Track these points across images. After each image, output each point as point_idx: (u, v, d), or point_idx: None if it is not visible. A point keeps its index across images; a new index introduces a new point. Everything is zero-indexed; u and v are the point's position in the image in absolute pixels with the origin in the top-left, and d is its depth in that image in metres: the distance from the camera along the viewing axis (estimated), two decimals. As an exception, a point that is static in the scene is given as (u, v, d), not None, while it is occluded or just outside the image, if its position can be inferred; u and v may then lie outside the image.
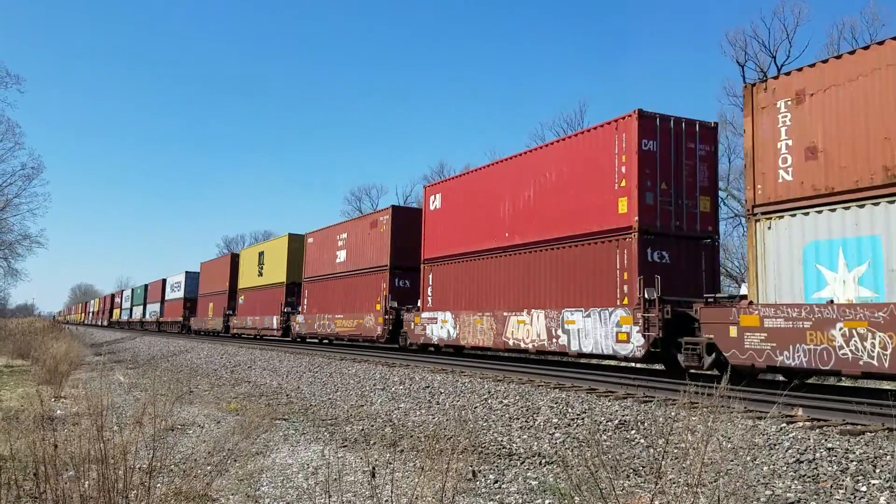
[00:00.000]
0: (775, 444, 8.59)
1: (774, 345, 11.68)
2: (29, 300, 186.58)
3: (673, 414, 10.14)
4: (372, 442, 11.36)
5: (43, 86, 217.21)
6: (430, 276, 23.45)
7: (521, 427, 11.56)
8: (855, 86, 11.45)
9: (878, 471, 7.36)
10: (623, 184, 15.73)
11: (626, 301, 15.19)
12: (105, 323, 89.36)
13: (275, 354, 26.61)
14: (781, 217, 12.26)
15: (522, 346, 18.39)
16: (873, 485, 7.08)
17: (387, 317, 25.12)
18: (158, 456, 6.19)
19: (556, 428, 11.10)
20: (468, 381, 15.43)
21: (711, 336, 13.00)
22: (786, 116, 12.44)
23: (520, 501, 7.73)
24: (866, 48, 11.60)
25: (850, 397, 11.10)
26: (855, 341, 10.63)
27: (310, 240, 33.43)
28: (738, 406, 9.61)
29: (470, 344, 20.93)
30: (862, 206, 11.09)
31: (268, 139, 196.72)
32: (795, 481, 7.51)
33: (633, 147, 15.47)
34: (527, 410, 12.25)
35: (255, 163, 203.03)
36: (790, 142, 12.30)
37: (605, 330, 15.55)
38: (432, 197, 24.01)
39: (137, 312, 70.09)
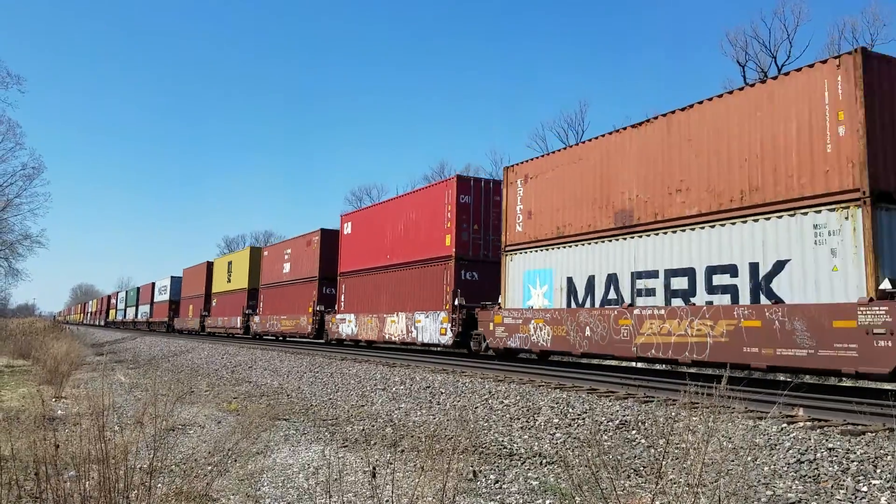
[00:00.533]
0: (776, 445, 8.59)
1: (507, 334, 19.00)
2: (30, 300, 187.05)
3: (673, 414, 10.13)
4: (372, 442, 11.36)
5: (44, 86, 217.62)
6: (343, 286, 30.07)
7: (521, 427, 11.55)
8: (550, 174, 18.33)
9: (878, 471, 7.35)
10: (448, 225, 22.65)
11: (447, 307, 22.06)
12: (102, 323, 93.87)
13: (275, 354, 26.62)
14: (515, 254, 19.44)
15: (394, 339, 25.30)
16: (874, 485, 7.08)
17: (315, 318, 31.84)
18: (159, 456, 6.19)
19: (556, 428, 11.10)
20: (469, 381, 15.43)
21: (482, 330, 20.32)
22: (520, 191, 19.44)
23: (521, 501, 7.73)
24: (559, 150, 19.18)
25: (850, 397, 11.09)
26: (538, 331, 17.74)
27: (265, 253, 40.88)
28: (739, 406, 9.61)
29: (364, 339, 27.76)
30: (547, 250, 18.17)
31: (269, 139, 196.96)
32: (796, 481, 7.51)
33: (454, 200, 22.53)
34: (527, 410, 12.25)
35: (256, 163, 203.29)
36: (521, 207, 19.39)
37: (435, 326, 22.52)
38: (345, 224, 30.96)
39: (130, 313, 75.06)
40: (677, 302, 14.07)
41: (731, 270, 13.10)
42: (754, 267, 12.67)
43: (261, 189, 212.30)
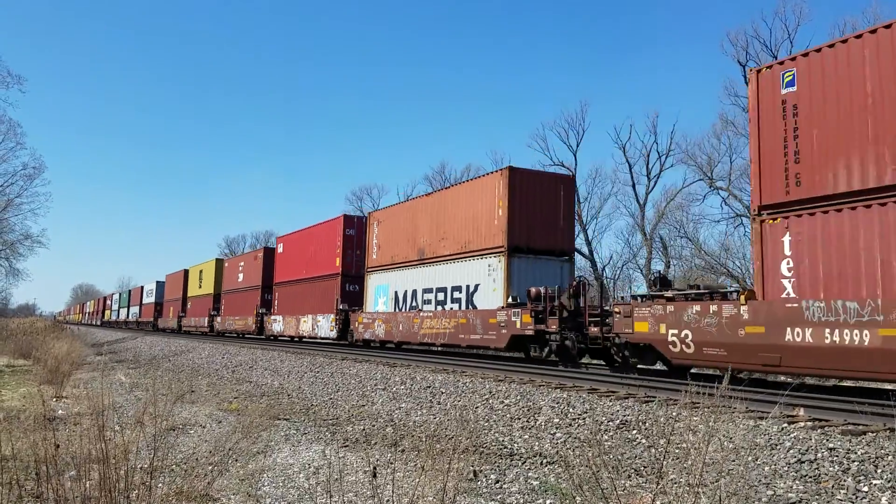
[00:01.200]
0: (777, 445, 8.58)
1: (364, 329, 27.85)
2: (30, 300, 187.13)
3: (674, 414, 10.14)
4: (373, 442, 11.36)
5: (44, 86, 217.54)
6: (277, 294, 38.07)
7: (522, 427, 11.55)
8: (389, 220, 27.69)
9: (879, 471, 7.35)
10: (338, 250, 30.67)
11: (335, 310, 30.16)
12: (98, 322, 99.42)
13: (276, 354, 26.63)
14: (371, 273, 28.38)
15: (306, 335, 33.83)
16: (875, 485, 7.08)
17: (257, 318, 39.97)
18: (160, 456, 6.19)
19: (557, 428, 11.10)
20: (469, 381, 15.43)
21: (353, 327, 28.89)
22: (375, 230, 28.52)
23: (521, 501, 7.73)
24: (398, 203, 29.18)
25: (851, 397, 11.09)
26: (378, 327, 26.80)
27: (226, 264, 49.26)
28: (740, 406, 9.61)
29: (287, 334, 36.23)
30: (386, 271, 27.23)
31: (269, 139, 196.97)
32: (797, 481, 7.51)
33: (341, 232, 30.62)
34: (528, 410, 12.25)
35: (257, 162, 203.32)
36: (375, 241, 28.35)
37: (327, 324, 30.82)
38: (279, 244, 39.07)
39: (123, 314, 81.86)
40: (439, 308, 23.26)
41: (460, 289, 22.40)
42: (468, 287, 22.01)
43: (261, 189, 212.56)
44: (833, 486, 7.23)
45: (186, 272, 57.23)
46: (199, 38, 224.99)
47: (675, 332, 13.86)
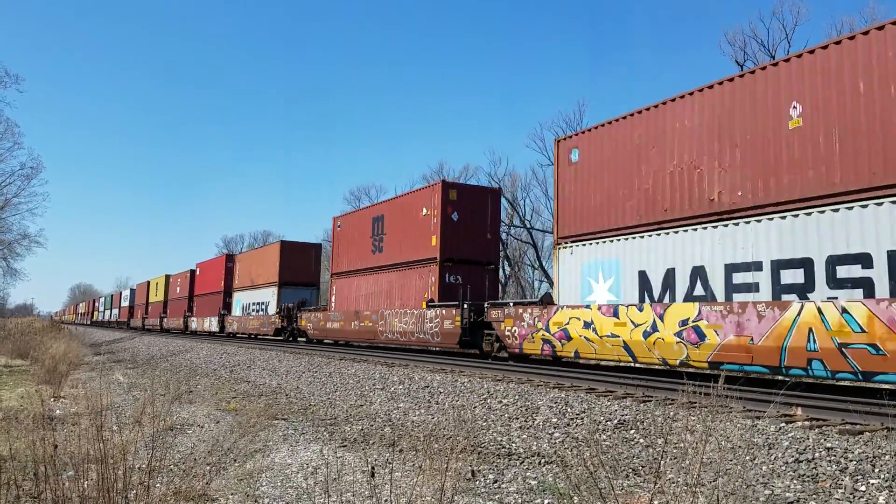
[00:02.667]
0: (774, 444, 8.60)
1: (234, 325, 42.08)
2: (28, 300, 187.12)
3: (672, 414, 10.15)
4: (371, 442, 11.36)
5: (42, 85, 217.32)
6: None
7: (520, 427, 11.56)
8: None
9: (877, 470, 7.37)
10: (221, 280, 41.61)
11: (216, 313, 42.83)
12: (89, 322, 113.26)
13: (274, 354, 26.62)
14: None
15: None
16: (872, 484, 7.09)
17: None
18: (158, 456, 6.19)
19: (555, 428, 11.11)
20: (467, 380, 15.44)
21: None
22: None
23: (519, 501, 7.73)
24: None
25: (848, 397, 11.11)
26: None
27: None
28: (737, 406, 9.64)
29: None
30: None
31: (267, 139, 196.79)
32: (794, 481, 7.52)
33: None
34: (526, 410, 12.26)
35: (255, 162, 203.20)
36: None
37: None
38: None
39: (107, 315, 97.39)
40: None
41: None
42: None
43: (259, 189, 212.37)
44: (831, 486, 7.24)
45: (148, 283, 71.71)
46: (197, 38, 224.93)
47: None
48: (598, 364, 20.15)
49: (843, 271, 11.52)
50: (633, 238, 16.02)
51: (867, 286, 11.18)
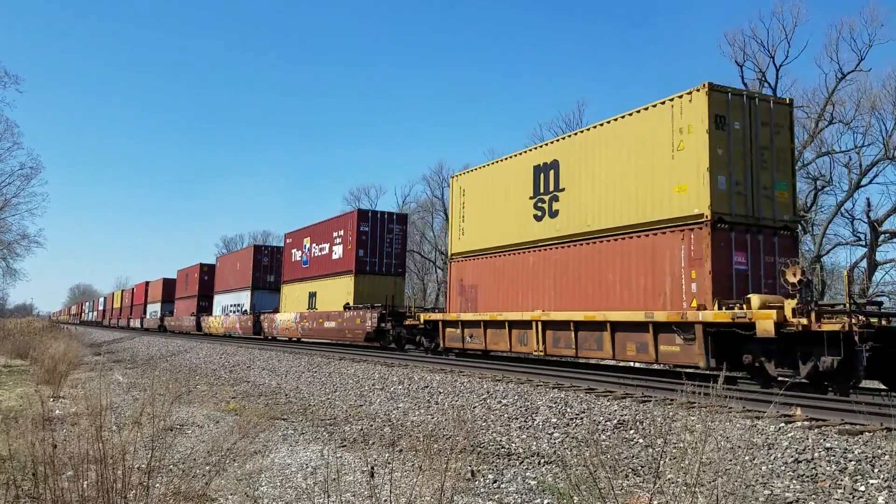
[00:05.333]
0: (774, 444, 8.59)
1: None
2: (27, 300, 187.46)
3: (671, 414, 10.14)
4: (371, 442, 11.36)
5: (42, 85, 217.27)
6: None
7: (519, 427, 11.56)
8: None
9: (876, 470, 7.36)
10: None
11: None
12: (78, 322, 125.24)
13: (273, 354, 26.60)
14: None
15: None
16: (872, 484, 7.09)
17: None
18: (157, 456, 6.18)
19: (554, 428, 11.10)
20: (467, 380, 15.43)
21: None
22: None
23: (519, 501, 7.73)
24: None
25: (848, 397, 11.10)
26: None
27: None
28: (737, 406, 9.64)
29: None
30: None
31: (267, 139, 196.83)
32: (794, 481, 7.52)
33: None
34: (525, 410, 12.25)
35: (254, 162, 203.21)
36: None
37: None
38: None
39: (90, 316, 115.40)
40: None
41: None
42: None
43: (260, 188, 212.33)
44: (830, 486, 7.24)
45: (113, 294, 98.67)
46: (197, 38, 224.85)
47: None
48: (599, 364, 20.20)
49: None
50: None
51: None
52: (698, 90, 14.14)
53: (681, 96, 14.53)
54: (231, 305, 45.01)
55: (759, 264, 14.10)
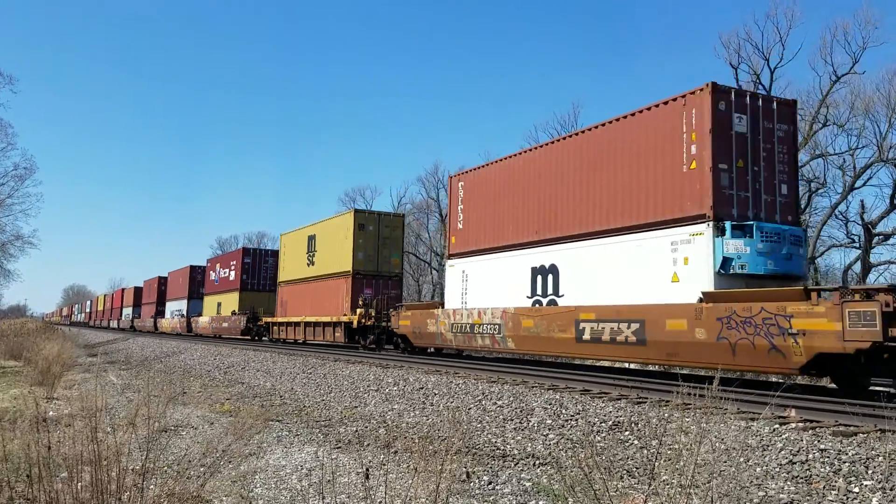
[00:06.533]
0: (768, 446, 8.61)
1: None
2: (21, 301, 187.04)
3: (666, 415, 10.15)
4: (366, 443, 11.34)
5: (36, 85, 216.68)
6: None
7: (515, 428, 11.56)
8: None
9: (870, 472, 7.38)
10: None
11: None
12: (69, 322, 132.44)
13: (269, 356, 26.56)
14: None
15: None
16: (866, 486, 7.11)
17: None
18: (151, 457, 6.16)
19: (549, 429, 11.11)
20: (462, 382, 15.43)
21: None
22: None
23: (514, 502, 7.73)
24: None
25: (842, 399, 11.13)
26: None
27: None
28: (731, 407, 9.64)
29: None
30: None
31: (262, 140, 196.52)
32: (788, 482, 7.54)
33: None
34: (521, 412, 12.25)
35: (250, 163, 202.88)
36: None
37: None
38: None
39: (79, 317, 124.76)
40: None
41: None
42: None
43: (255, 189, 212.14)
44: (824, 487, 7.26)
45: (97, 298, 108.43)
46: (191, 39, 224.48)
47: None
48: (594, 364, 20.22)
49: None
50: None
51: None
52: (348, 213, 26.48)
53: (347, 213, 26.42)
54: (175, 310, 57.50)
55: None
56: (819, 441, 8.42)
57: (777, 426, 9.24)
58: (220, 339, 44.48)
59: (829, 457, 7.91)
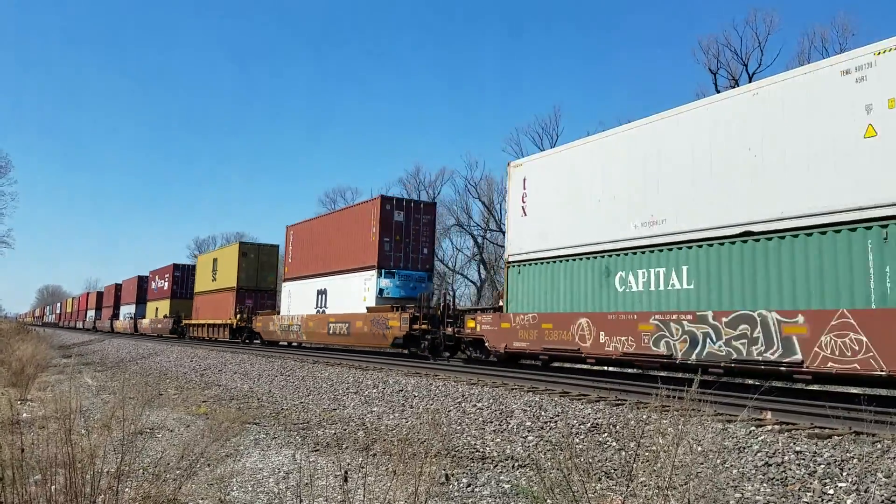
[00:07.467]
0: (745, 448, 8.69)
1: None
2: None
3: (644, 417, 10.21)
4: (344, 446, 11.30)
5: (11, 85, 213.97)
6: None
7: (494, 430, 11.57)
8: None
9: (845, 474, 7.47)
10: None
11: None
12: (41, 323, 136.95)
13: (246, 357, 26.39)
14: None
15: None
16: (841, 488, 7.19)
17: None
18: (127, 460, 6.09)
19: (529, 431, 11.13)
20: (442, 384, 15.42)
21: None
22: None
23: (492, 505, 7.72)
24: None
25: (818, 401, 11.25)
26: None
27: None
28: (709, 409, 9.71)
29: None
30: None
31: (241, 140, 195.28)
32: (764, 484, 7.60)
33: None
34: (500, 414, 12.26)
35: (229, 164, 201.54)
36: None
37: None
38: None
39: (51, 318, 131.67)
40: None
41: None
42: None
43: (233, 190, 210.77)
44: (800, 489, 7.33)
45: (66, 300, 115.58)
46: (168, 42, 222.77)
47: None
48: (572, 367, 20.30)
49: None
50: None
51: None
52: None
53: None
54: (127, 314, 67.26)
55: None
56: (795, 443, 8.50)
57: (753, 428, 9.32)
58: (195, 341, 44.28)
59: (804, 459, 7.99)
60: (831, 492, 7.14)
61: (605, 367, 19.95)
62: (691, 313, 13.44)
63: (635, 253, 15.18)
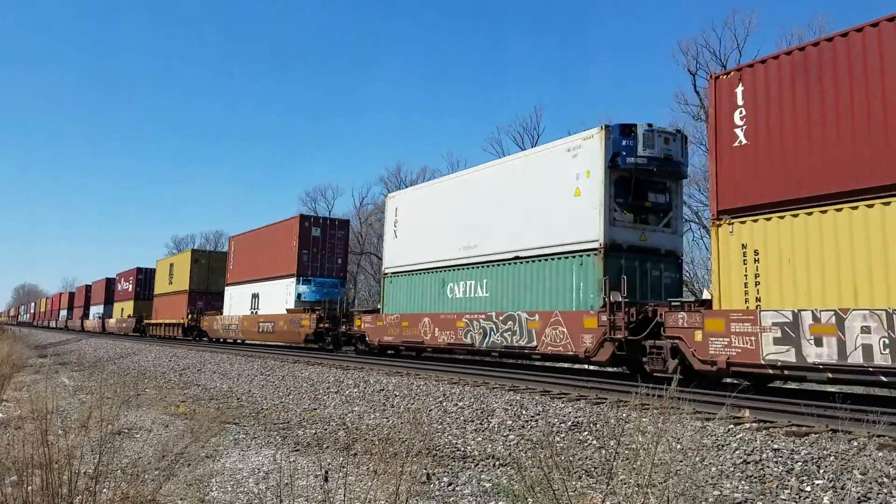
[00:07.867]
0: (723, 445, 8.76)
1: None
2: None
3: (624, 415, 10.27)
4: (325, 446, 11.26)
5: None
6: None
7: (475, 429, 11.58)
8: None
9: (822, 471, 7.55)
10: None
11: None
12: (15, 322, 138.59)
13: (225, 357, 26.23)
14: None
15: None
16: (817, 485, 7.27)
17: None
18: (105, 460, 6.04)
19: (510, 430, 11.15)
20: (423, 383, 15.41)
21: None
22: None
23: (473, 503, 7.73)
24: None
25: (796, 399, 11.37)
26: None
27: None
28: (688, 408, 9.80)
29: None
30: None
31: (220, 139, 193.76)
32: (743, 482, 7.67)
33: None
34: (481, 413, 12.28)
35: (207, 163, 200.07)
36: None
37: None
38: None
39: (25, 317, 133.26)
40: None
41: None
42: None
43: (212, 188, 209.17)
44: (777, 486, 7.40)
45: (40, 300, 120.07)
46: (150, 42, 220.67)
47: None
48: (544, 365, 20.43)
49: None
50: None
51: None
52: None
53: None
54: (96, 313, 70.02)
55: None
56: (772, 441, 8.58)
57: (732, 426, 9.40)
58: (167, 340, 43.88)
59: (782, 456, 8.07)
60: (808, 489, 7.22)
61: (443, 355, 23.20)
62: (485, 314, 18.91)
63: (459, 269, 20.50)
